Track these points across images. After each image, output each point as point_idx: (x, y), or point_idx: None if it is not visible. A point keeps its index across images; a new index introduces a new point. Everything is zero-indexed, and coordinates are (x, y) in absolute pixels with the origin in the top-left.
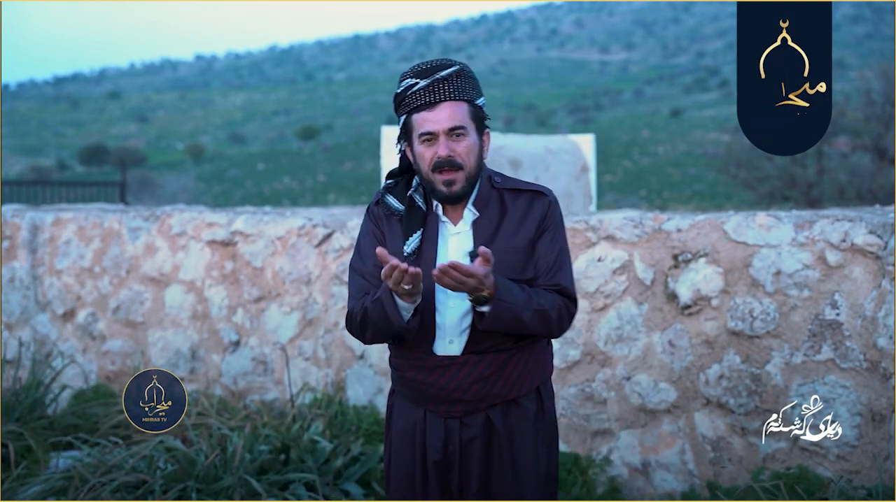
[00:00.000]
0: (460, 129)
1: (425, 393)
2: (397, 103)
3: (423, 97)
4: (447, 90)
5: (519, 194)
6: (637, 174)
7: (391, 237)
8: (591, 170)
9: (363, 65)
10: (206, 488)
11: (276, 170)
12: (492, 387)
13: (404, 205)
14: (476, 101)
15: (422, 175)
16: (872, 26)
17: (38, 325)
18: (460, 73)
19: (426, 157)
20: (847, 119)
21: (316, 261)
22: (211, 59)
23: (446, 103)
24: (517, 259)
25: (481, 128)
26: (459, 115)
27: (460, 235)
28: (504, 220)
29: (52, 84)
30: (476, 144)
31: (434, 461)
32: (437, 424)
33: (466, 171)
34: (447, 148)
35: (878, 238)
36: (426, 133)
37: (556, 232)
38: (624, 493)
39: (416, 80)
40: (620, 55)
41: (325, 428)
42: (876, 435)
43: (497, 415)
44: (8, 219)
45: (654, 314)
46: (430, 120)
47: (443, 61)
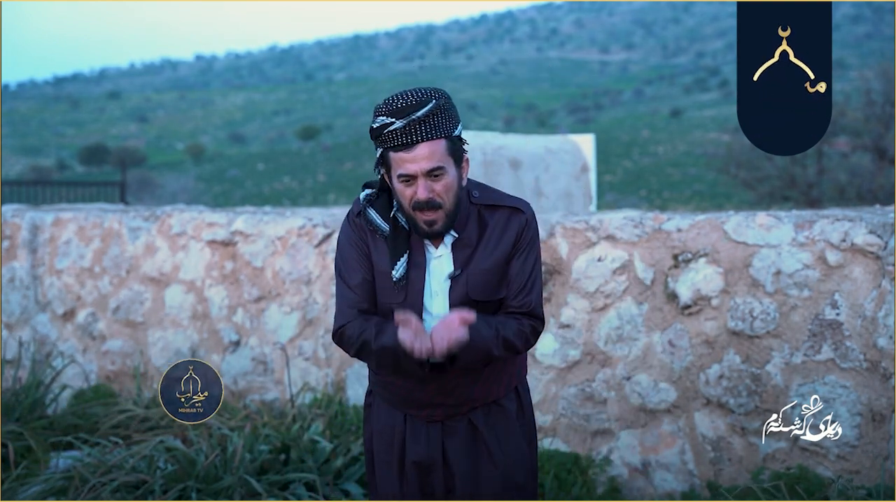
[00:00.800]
0: (438, 170)
1: (406, 397)
2: (373, 136)
3: (399, 138)
4: (424, 130)
5: (496, 210)
6: (637, 174)
7: (377, 254)
8: (591, 170)
9: (363, 65)
10: (206, 488)
11: (276, 170)
12: (472, 391)
13: (388, 225)
14: (453, 133)
15: (402, 209)
16: (872, 26)
17: (38, 325)
18: (436, 110)
19: (406, 196)
20: (847, 119)
21: (316, 261)
22: (211, 59)
23: (424, 144)
24: (493, 279)
25: (459, 160)
26: (438, 154)
27: (441, 258)
28: (482, 240)
29: (52, 84)
30: (455, 180)
31: (413, 462)
32: (419, 428)
33: (446, 209)
34: (426, 189)
35: (878, 238)
36: (405, 175)
37: (530, 251)
38: (624, 493)
39: (391, 119)
40: (620, 55)
41: (325, 428)
42: (876, 435)
43: (479, 418)
44: (8, 219)
45: (654, 314)
46: (408, 161)
47: (418, 97)
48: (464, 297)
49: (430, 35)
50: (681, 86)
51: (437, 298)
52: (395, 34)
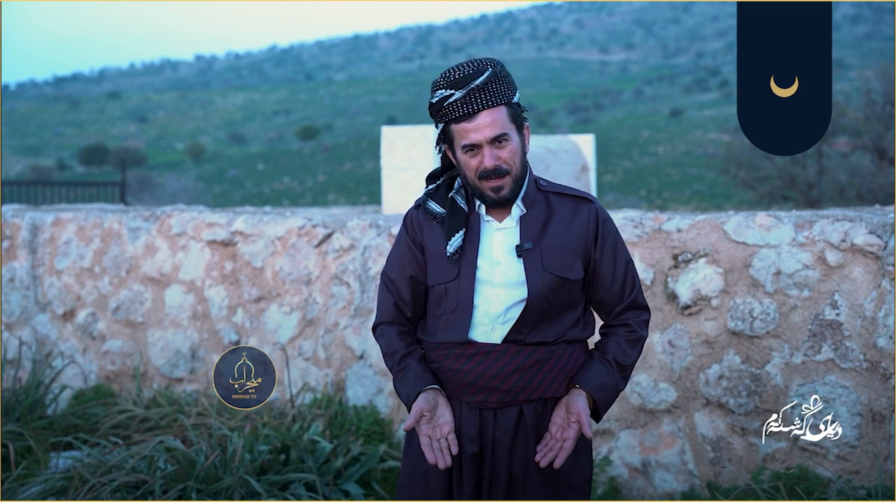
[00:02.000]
0: (502, 137)
1: (461, 381)
2: (433, 112)
3: (460, 108)
4: (485, 99)
5: (564, 198)
6: (637, 174)
7: (431, 239)
8: (591, 170)
9: (363, 65)
10: (206, 488)
11: (276, 170)
12: (530, 380)
13: (445, 209)
14: (513, 100)
15: (467, 181)
16: (872, 26)
17: (38, 325)
18: (493, 77)
19: (471, 166)
20: (847, 119)
21: (316, 261)
22: (211, 59)
23: (485, 112)
24: (565, 258)
25: (520, 126)
26: (500, 121)
27: (506, 231)
28: (552, 219)
29: (52, 84)
30: (519, 146)
31: (471, 453)
32: (472, 416)
33: (513, 175)
34: (492, 157)
35: (878, 238)
36: (469, 145)
37: (618, 245)
38: (624, 493)
39: (450, 90)
40: (620, 55)
41: (325, 428)
42: (876, 435)
43: (530, 412)
44: (8, 219)
45: (654, 314)
46: (471, 130)
47: (475, 67)
48: (539, 272)
49: (430, 35)
50: (681, 86)
51: (500, 267)
52: (395, 34)
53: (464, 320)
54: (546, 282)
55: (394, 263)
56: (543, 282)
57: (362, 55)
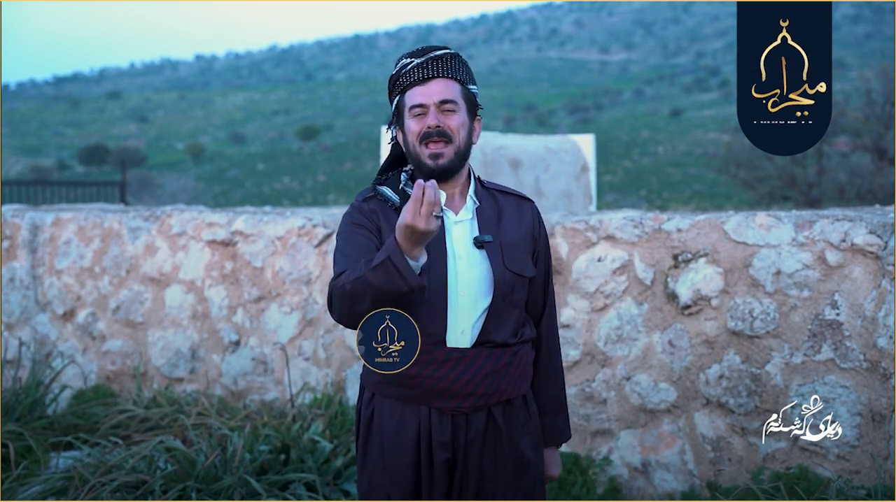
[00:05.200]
0: (451, 104)
1: (433, 388)
2: (391, 84)
3: (416, 73)
4: (440, 67)
5: (508, 196)
6: (637, 174)
7: (388, 229)
8: (591, 170)
9: (363, 65)
10: (206, 488)
11: (276, 170)
12: (500, 383)
13: (399, 197)
14: (468, 85)
15: (409, 152)
16: (872, 26)
17: (38, 325)
18: (455, 55)
19: (414, 130)
20: (847, 119)
21: (316, 261)
22: (211, 59)
23: (439, 79)
24: (520, 255)
25: (473, 113)
26: (451, 90)
27: (463, 223)
28: (503, 216)
29: (52, 84)
30: (466, 123)
31: (444, 459)
32: (444, 421)
33: (455, 147)
34: (437, 118)
35: (878, 238)
36: (417, 105)
37: (548, 249)
38: (624, 493)
39: (410, 59)
40: (620, 55)
41: (325, 428)
42: (876, 435)
43: (499, 413)
44: (8, 219)
45: (654, 314)
46: (422, 93)
47: (439, 46)
48: (501, 269)
49: (430, 35)
50: (681, 86)
51: (462, 261)
52: (395, 34)
53: (439, 318)
54: (507, 279)
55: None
56: (505, 279)
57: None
